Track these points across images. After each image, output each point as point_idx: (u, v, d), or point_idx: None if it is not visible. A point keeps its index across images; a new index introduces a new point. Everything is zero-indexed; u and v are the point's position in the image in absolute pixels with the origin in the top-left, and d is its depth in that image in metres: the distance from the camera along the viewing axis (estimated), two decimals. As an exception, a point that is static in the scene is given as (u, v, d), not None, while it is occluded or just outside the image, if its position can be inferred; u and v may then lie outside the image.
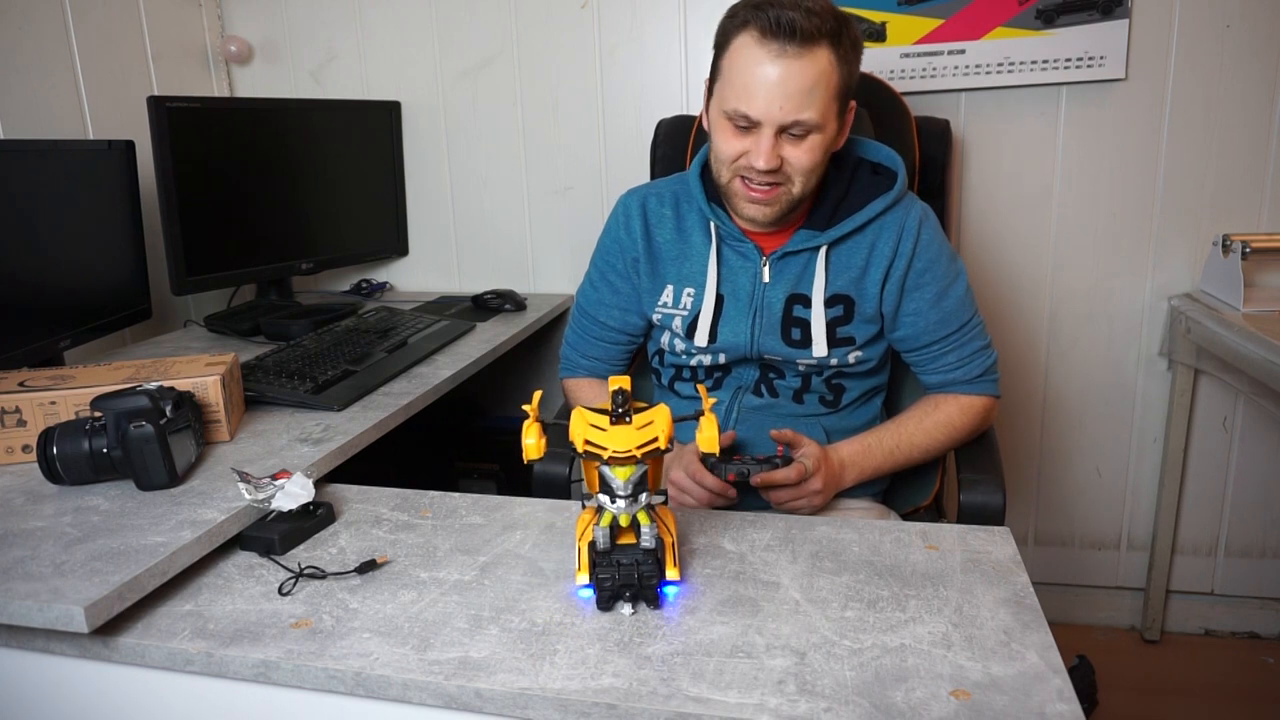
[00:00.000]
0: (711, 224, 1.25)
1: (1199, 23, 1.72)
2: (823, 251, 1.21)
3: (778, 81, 1.07)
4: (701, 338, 1.25)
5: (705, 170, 1.26)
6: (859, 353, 1.25)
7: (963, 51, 1.79)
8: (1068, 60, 1.75)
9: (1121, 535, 2.03)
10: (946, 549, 0.90)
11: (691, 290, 1.27)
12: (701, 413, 0.85)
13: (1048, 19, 1.74)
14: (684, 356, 1.31)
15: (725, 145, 1.14)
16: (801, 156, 1.12)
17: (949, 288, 1.23)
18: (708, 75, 1.19)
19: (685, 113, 1.67)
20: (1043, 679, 0.69)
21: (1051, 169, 1.85)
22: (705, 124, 1.21)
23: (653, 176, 1.61)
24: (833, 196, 1.22)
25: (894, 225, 1.21)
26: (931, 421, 1.24)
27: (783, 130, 1.10)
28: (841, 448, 1.20)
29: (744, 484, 1.13)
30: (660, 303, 1.30)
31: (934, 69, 1.81)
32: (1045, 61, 1.76)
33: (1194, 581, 2.01)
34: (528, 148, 2.06)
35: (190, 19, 2.05)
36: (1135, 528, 2.01)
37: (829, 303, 1.22)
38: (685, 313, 1.27)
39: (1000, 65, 1.78)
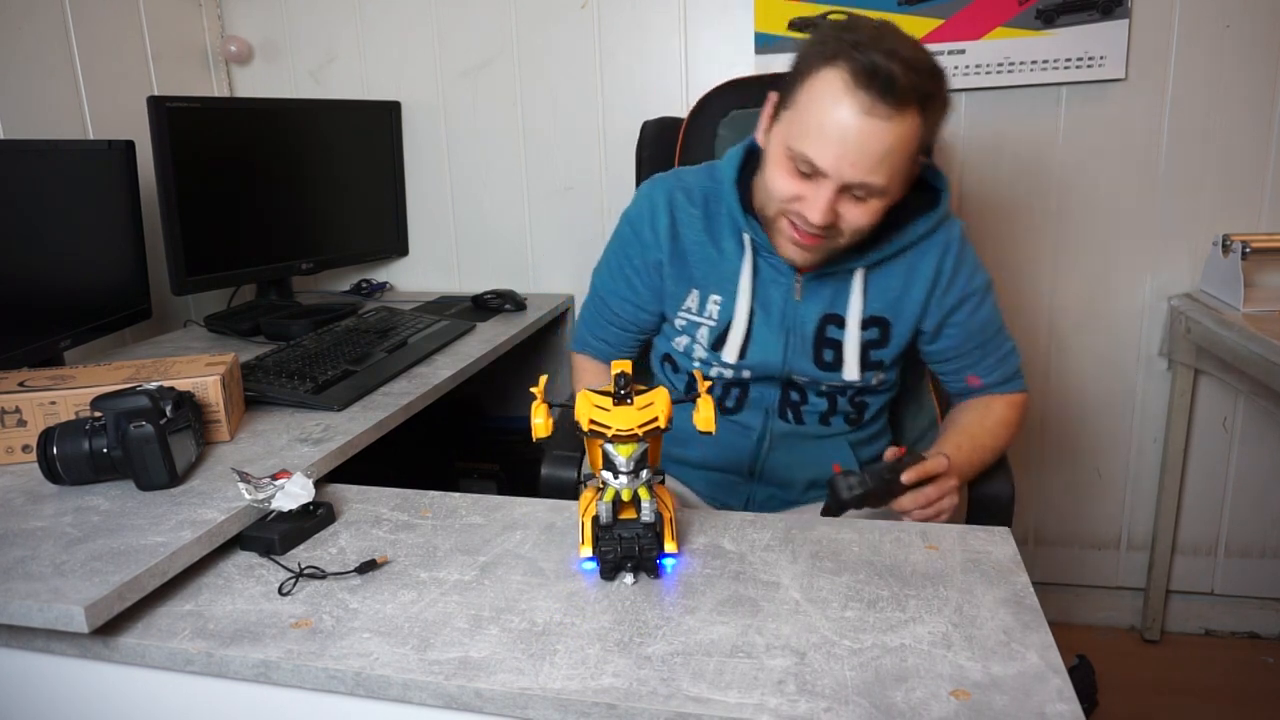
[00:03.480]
0: (745, 235, 1.18)
1: (1199, 23, 1.72)
2: (860, 273, 1.16)
3: (855, 139, 0.98)
4: (731, 354, 1.19)
5: (742, 170, 1.18)
6: (883, 375, 1.23)
7: (963, 51, 1.79)
8: (1068, 60, 1.75)
9: (1121, 535, 2.03)
10: (946, 549, 0.90)
11: (718, 298, 1.20)
12: (698, 394, 0.87)
13: (1048, 19, 1.74)
14: (702, 366, 1.24)
15: (781, 184, 1.06)
16: (859, 217, 1.05)
17: (985, 297, 1.21)
18: (776, 91, 1.09)
19: (683, 114, 1.65)
20: (1043, 679, 0.69)
21: (1051, 169, 1.85)
22: (760, 138, 1.13)
23: (639, 178, 1.59)
24: None
25: (936, 246, 1.17)
26: (993, 421, 1.22)
27: (845, 189, 1.03)
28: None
29: (883, 492, 1.07)
30: (685, 307, 1.23)
31: (934, 69, 1.80)
32: (1045, 61, 1.76)
33: (1194, 581, 2.01)
34: (528, 148, 2.06)
35: (190, 19, 2.05)
36: (1135, 528, 2.01)
37: (865, 325, 1.18)
38: (713, 323, 1.21)
39: (1000, 65, 1.78)
